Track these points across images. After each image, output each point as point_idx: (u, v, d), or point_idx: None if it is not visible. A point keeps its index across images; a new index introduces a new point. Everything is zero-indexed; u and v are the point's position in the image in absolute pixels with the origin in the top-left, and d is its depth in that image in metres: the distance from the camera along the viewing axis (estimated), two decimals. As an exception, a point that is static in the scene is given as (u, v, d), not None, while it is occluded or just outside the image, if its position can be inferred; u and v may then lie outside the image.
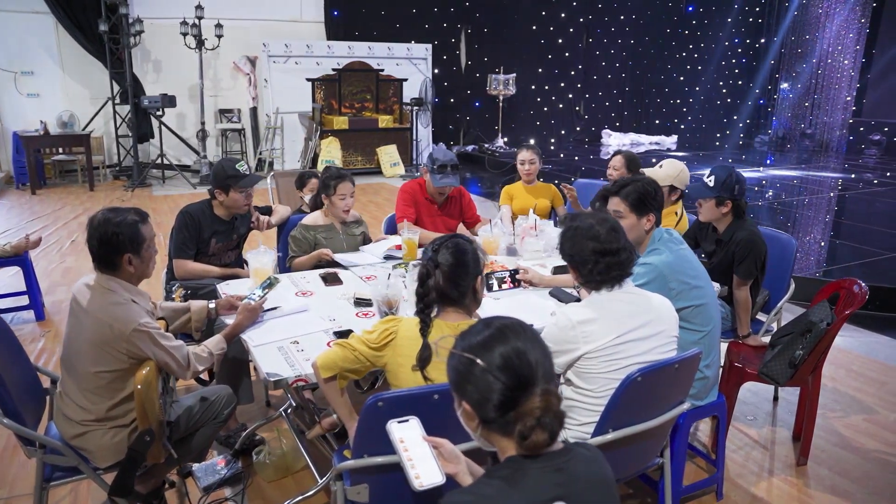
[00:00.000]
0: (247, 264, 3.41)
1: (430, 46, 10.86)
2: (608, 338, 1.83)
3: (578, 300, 2.56)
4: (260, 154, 9.80)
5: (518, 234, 3.27)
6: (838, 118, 13.29)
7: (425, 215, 3.59)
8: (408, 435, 1.44)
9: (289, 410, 2.70)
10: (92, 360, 1.91)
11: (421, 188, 3.66)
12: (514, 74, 11.18)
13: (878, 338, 4.18)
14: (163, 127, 9.14)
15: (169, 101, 8.84)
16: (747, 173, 9.86)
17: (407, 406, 1.56)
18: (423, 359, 1.70)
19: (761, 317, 3.23)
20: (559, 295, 2.65)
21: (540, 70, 12.64)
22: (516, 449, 1.12)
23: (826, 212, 7.72)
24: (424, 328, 1.73)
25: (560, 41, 12.73)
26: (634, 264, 1.97)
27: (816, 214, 7.53)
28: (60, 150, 8.97)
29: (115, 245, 1.92)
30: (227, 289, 2.74)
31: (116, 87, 9.17)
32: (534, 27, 12.41)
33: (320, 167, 9.16)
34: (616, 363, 1.84)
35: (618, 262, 1.86)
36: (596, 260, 1.84)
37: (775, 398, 3.37)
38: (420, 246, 3.22)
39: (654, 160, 3.92)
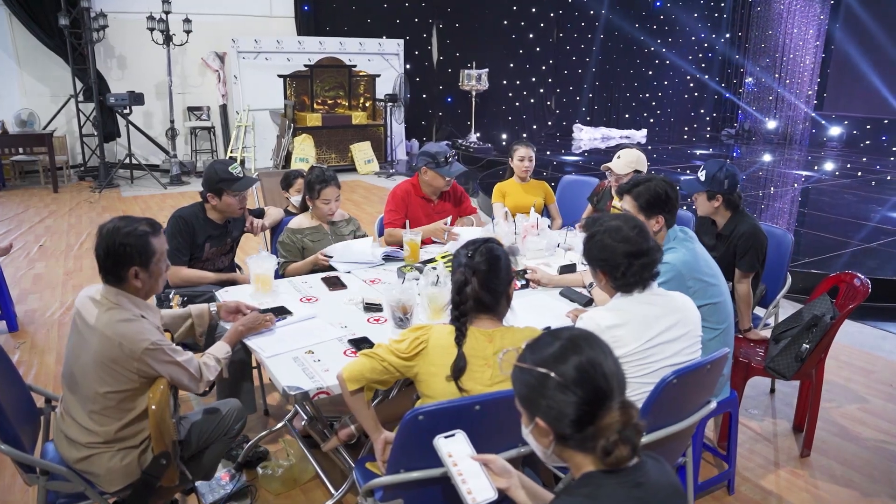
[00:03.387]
0: (240, 269, 3.31)
1: (401, 42, 10.75)
2: (639, 342, 1.80)
3: (591, 300, 2.54)
4: (231, 153, 9.56)
5: (520, 233, 3.23)
6: (801, 112, 13.66)
7: (423, 215, 3.54)
8: (456, 450, 1.39)
9: (303, 422, 2.61)
10: (99, 379, 1.79)
11: (415, 188, 3.60)
12: (487, 69, 11.15)
13: (861, 327, 4.28)
14: (130, 125, 8.83)
15: (136, 98, 8.54)
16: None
17: (448, 418, 1.50)
18: (458, 369, 1.65)
19: (758, 311, 3.27)
20: (570, 295, 2.62)
21: (511, 65, 12.65)
22: (594, 464, 1.09)
23: (792, 203, 7.90)
24: (460, 337, 1.67)
25: (531, 36, 12.75)
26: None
27: (783, 206, 7.70)
28: (20, 150, 8.58)
29: (121, 256, 1.81)
30: (226, 296, 2.64)
31: (79, 85, 8.81)
32: (505, 22, 12.39)
33: (293, 165, 8.98)
34: (647, 367, 1.81)
35: (651, 262, 1.83)
36: (629, 262, 1.80)
37: (772, 390, 3.42)
38: (422, 245, 3.16)
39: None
